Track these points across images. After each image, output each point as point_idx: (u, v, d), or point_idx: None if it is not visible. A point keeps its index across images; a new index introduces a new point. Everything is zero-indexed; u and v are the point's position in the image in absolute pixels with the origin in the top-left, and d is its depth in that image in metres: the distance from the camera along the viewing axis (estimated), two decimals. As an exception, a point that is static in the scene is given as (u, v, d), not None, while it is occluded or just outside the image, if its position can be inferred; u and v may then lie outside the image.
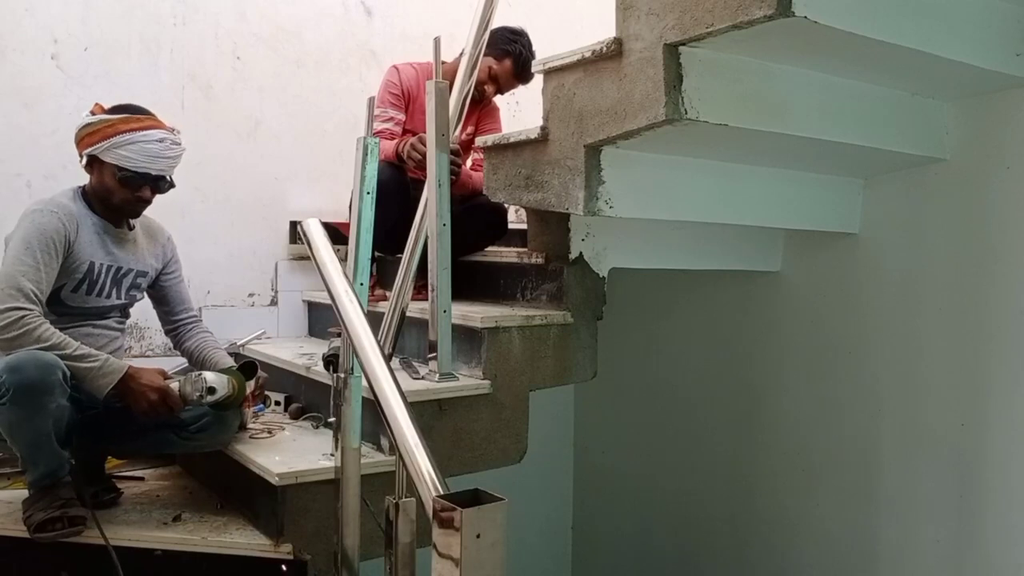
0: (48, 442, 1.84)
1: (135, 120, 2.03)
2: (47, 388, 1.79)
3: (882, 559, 2.37)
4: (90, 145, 2.01)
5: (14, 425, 1.81)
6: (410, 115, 2.78)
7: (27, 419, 1.80)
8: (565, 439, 3.47)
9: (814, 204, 2.34)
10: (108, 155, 2.00)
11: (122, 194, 2.04)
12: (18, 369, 1.77)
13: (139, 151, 2.00)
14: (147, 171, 2.02)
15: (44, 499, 1.87)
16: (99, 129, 2.00)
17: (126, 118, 2.02)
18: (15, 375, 1.76)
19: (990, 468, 2.12)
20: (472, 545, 1.02)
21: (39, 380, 1.78)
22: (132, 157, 2.00)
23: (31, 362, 1.79)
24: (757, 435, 2.70)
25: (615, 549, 3.29)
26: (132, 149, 2.00)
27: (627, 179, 1.96)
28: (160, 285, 2.26)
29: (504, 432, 2.18)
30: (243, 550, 1.92)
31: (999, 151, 2.06)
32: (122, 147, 1.99)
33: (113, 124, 2.00)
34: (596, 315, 2.31)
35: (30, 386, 1.77)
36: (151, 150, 2.01)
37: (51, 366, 1.80)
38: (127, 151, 1.99)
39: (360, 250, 1.79)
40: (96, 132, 2.00)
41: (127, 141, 1.99)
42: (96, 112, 2.04)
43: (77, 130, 2.04)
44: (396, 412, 1.25)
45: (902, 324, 2.29)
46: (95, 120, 2.01)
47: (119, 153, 1.99)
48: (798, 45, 1.64)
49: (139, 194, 2.05)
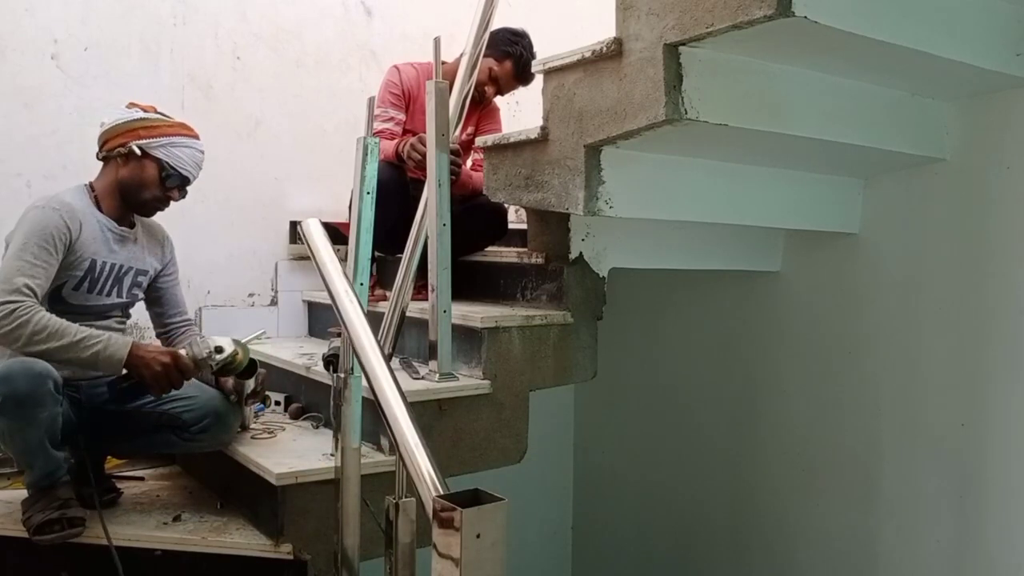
0: (41, 448, 1.83)
1: (187, 128, 2.15)
2: (38, 400, 1.78)
3: (882, 559, 2.37)
4: (144, 137, 2.06)
5: (5, 434, 1.80)
6: (410, 115, 2.78)
7: (18, 429, 1.79)
8: (565, 439, 3.47)
9: (814, 204, 2.34)
10: (161, 151, 2.07)
11: (156, 191, 2.09)
12: (8, 380, 1.75)
13: (189, 155, 2.11)
14: (189, 174, 2.12)
15: (42, 500, 1.86)
16: (158, 126, 2.09)
17: (184, 124, 2.15)
18: (5, 386, 1.75)
19: (990, 468, 2.12)
20: (472, 545, 1.02)
21: (29, 392, 1.76)
22: (183, 159, 2.10)
23: (22, 373, 1.77)
24: (757, 435, 2.70)
25: (615, 549, 3.29)
26: (185, 152, 2.10)
27: (627, 179, 1.96)
28: (157, 287, 2.26)
29: (504, 432, 2.18)
30: (243, 550, 1.92)
31: (999, 151, 2.06)
32: (178, 147, 2.09)
33: (172, 126, 2.11)
34: (596, 315, 2.31)
35: (20, 398, 1.75)
36: (197, 157, 2.14)
37: (42, 376, 1.78)
38: (181, 152, 2.09)
39: (360, 250, 1.79)
40: (155, 127, 2.08)
41: (183, 143, 2.10)
42: (148, 109, 2.12)
43: (122, 122, 2.07)
44: (396, 412, 1.25)
45: (902, 324, 2.29)
46: (152, 117, 2.10)
47: (174, 152, 2.08)
48: (798, 45, 1.65)
49: (170, 194, 2.13)
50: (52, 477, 1.88)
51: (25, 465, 1.87)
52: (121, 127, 2.07)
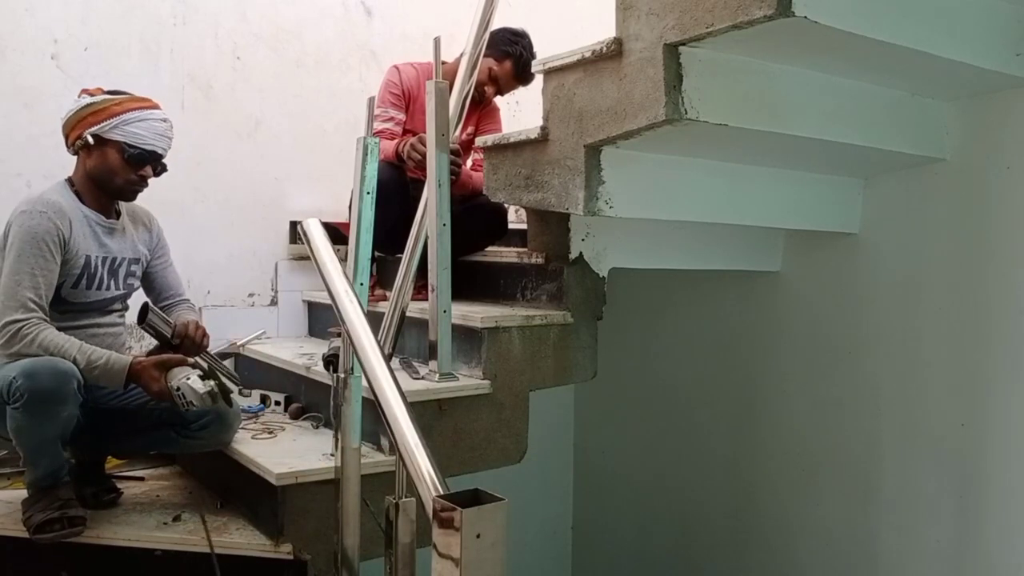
0: (53, 446, 1.84)
1: (140, 100, 2.05)
2: (61, 397, 1.78)
3: (882, 559, 2.37)
4: (94, 124, 1.99)
5: (23, 429, 1.80)
6: (410, 115, 2.78)
7: (36, 425, 1.79)
8: (565, 439, 3.47)
9: (814, 204, 2.34)
10: (116, 132, 1.99)
11: (125, 173, 2.03)
12: (33, 375, 1.76)
13: (148, 128, 2.02)
14: (154, 148, 2.04)
15: (43, 499, 1.86)
16: (106, 107, 2.00)
17: (132, 98, 2.04)
18: (30, 381, 1.75)
19: (990, 468, 2.12)
20: (472, 545, 1.02)
21: (54, 389, 1.77)
22: (141, 134, 2.01)
23: (47, 370, 1.78)
24: (757, 435, 2.70)
25: (615, 549, 3.29)
26: (141, 126, 2.01)
27: (627, 179, 1.96)
28: (149, 272, 2.24)
29: (504, 432, 2.18)
30: (243, 550, 1.92)
31: (999, 151, 2.06)
32: (132, 124, 2.00)
33: (121, 103, 2.01)
34: (596, 315, 2.31)
35: (44, 394, 1.76)
36: (157, 128, 2.04)
37: (67, 375, 1.79)
38: (137, 128, 2.01)
39: (360, 250, 1.79)
40: (102, 111, 2.00)
41: (136, 118, 2.01)
42: (95, 91, 2.03)
43: (72, 113, 2.01)
44: (396, 412, 1.25)
45: (902, 324, 2.29)
46: (98, 100, 2.01)
47: (128, 130, 2.00)
48: (798, 45, 1.64)
49: (142, 173, 2.05)
50: (55, 477, 1.88)
51: (30, 463, 1.87)
52: (73, 118, 2.02)
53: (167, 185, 2.24)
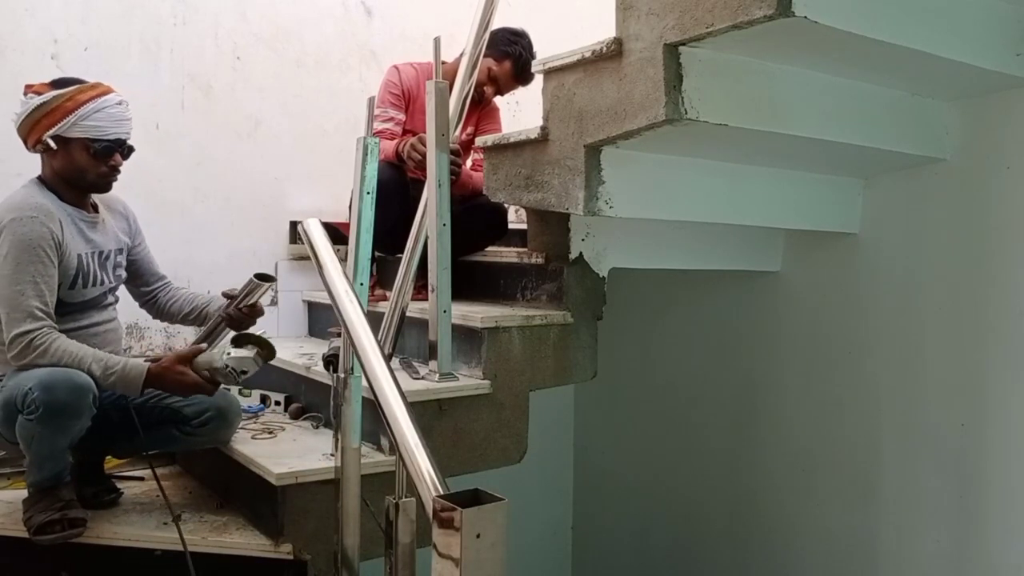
0: (62, 454, 1.84)
1: (90, 88, 1.95)
2: (77, 412, 1.77)
3: (882, 559, 2.37)
4: (52, 126, 1.91)
5: (35, 438, 1.79)
6: (410, 115, 2.78)
7: (49, 436, 1.78)
8: (565, 439, 3.47)
9: (814, 204, 2.34)
10: (75, 130, 1.92)
11: (95, 168, 1.97)
12: (51, 389, 1.74)
13: (106, 117, 1.94)
14: (118, 136, 1.97)
15: (44, 500, 1.86)
16: (58, 106, 1.90)
17: (81, 88, 1.93)
18: (47, 395, 1.73)
19: (990, 468, 2.12)
20: (472, 545, 1.02)
21: (71, 403, 1.76)
22: (102, 125, 1.93)
23: (65, 383, 1.76)
24: (757, 435, 2.70)
25: (615, 549, 3.29)
26: (99, 117, 1.93)
27: (627, 179, 1.96)
28: (132, 259, 2.21)
29: (504, 432, 2.18)
30: (243, 550, 1.92)
31: (999, 151, 2.06)
32: (89, 118, 1.91)
33: (71, 97, 1.91)
34: (596, 315, 2.31)
35: (61, 408, 1.75)
36: (115, 114, 1.95)
37: (84, 389, 1.77)
38: (95, 120, 1.92)
39: (360, 250, 1.79)
40: (56, 110, 1.90)
41: (93, 110, 1.92)
42: (40, 89, 1.93)
43: (25, 116, 1.93)
44: (396, 412, 1.25)
45: (902, 324, 2.29)
46: (48, 99, 1.91)
47: (87, 125, 1.92)
48: (798, 45, 1.65)
49: (112, 162, 1.99)
50: (57, 479, 1.87)
51: (35, 466, 1.86)
52: (27, 121, 1.93)
53: (167, 185, 2.23)
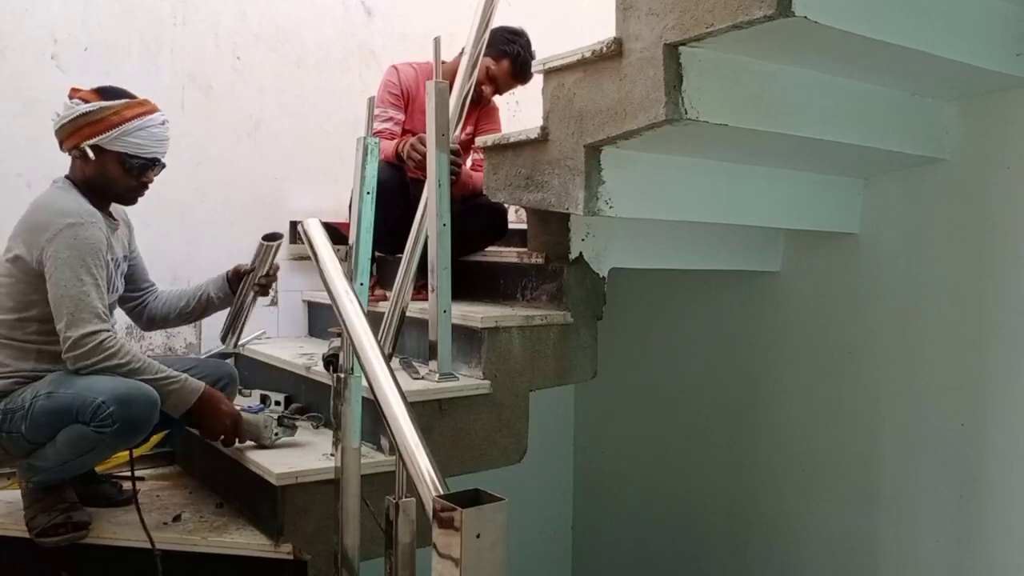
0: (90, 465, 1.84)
1: (138, 105, 1.95)
2: (148, 427, 1.78)
3: (882, 559, 2.37)
4: (94, 135, 1.90)
5: (92, 451, 1.77)
6: (409, 115, 2.78)
7: (110, 449, 1.78)
8: (565, 439, 3.47)
9: (814, 204, 2.34)
10: (116, 144, 1.92)
11: (126, 182, 1.97)
12: (129, 404, 1.73)
13: (148, 136, 1.94)
14: (155, 155, 1.98)
15: (46, 500, 1.86)
16: (104, 118, 1.90)
17: (128, 104, 1.94)
18: (125, 409, 1.72)
19: (990, 468, 2.12)
20: (472, 545, 1.02)
21: (145, 419, 1.76)
22: (143, 143, 1.94)
23: (141, 399, 1.75)
24: (757, 435, 2.70)
25: (615, 549, 3.29)
26: (142, 135, 1.93)
27: (627, 179, 1.96)
28: (129, 265, 2.19)
29: (504, 432, 2.18)
30: (243, 550, 1.92)
31: (999, 151, 2.06)
32: (132, 134, 1.92)
33: (118, 111, 1.91)
34: (596, 315, 2.31)
35: (136, 424, 1.75)
36: (157, 133, 1.96)
37: (156, 405, 1.78)
38: (137, 138, 1.93)
39: (360, 250, 1.79)
40: (100, 121, 1.90)
41: (137, 127, 1.92)
42: (88, 96, 1.93)
43: (66, 121, 1.91)
44: (396, 412, 1.25)
45: (902, 324, 2.29)
46: (94, 108, 1.90)
47: (129, 141, 1.92)
48: (798, 45, 1.64)
49: (144, 179, 1.99)
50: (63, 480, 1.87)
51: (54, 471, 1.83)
52: (68, 127, 1.92)
53: (167, 186, 2.23)
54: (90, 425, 1.73)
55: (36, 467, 1.85)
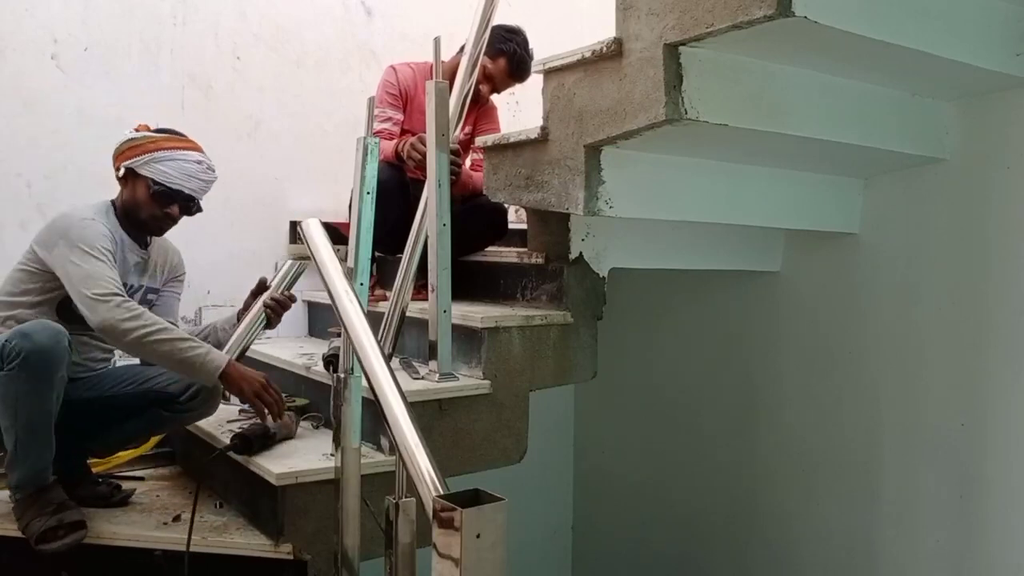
0: (46, 426, 1.82)
1: (176, 140, 2.08)
2: (57, 356, 1.79)
3: (882, 559, 2.37)
4: (130, 158, 2.03)
5: (19, 397, 1.78)
6: (408, 115, 2.78)
7: (33, 391, 1.78)
8: (565, 439, 3.47)
9: (814, 204, 2.34)
10: (145, 168, 2.02)
11: (151, 209, 2.06)
12: (28, 335, 1.77)
13: (176, 168, 2.04)
14: (180, 188, 2.05)
15: (35, 505, 1.84)
16: (141, 144, 2.04)
17: (169, 137, 2.08)
18: (26, 341, 1.76)
19: (990, 468, 2.12)
20: (472, 545, 1.02)
21: (51, 347, 1.78)
22: (168, 172, 2.03)
23: (41, 328, 1.79)
24: (757, 435, 2.70)
25: (615, 549, 3.29)
26: (170, 165, 2.03)
27: (627, 179, 1.96)
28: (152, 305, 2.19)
29: (504, 432, 2.18)
30: (243, 550, 1.92)
31: (999, 151, 2.06)
32: (160, 162, 2.03)
33: (156, 141, 2.05)
34: (596, 315, 2.31)
35: (43, 352, 1.77)
36: (187, 169, 2.06)
37: (61, 332, 1.81)
38: (165, 166, 2.03)
39: (360, 250, 1.79)
40: (138, 146, 2.04)
41: (166, 157, 2.03)
42: (141, 128, 2.08)
43: (117, 146, 2.06)
44: (396, 412, 1.25)
45: (902, 324, 2.29)
46: (139, 136, 2.05)
47: (156, 167, 2.03)
48: (798, 45, 1.64)
49: (168, 210, 2.07)
50: (40, 478, 1.85)
51: (20, 452, 1.83)
52: (117, 151, 2.07)
53: (167, 186, 2.24)
54: (5, 367, 1.77)
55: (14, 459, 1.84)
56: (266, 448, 2.06)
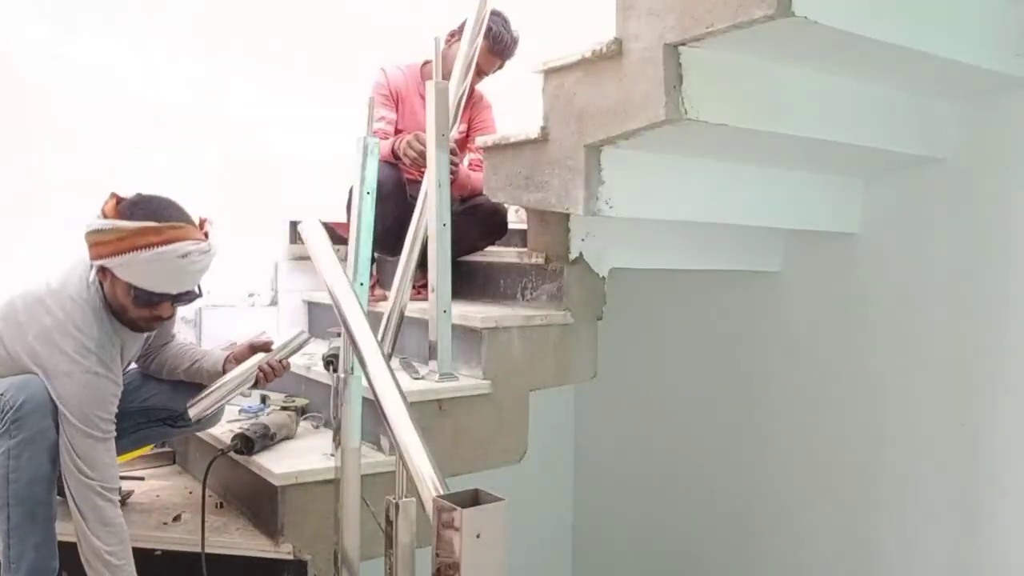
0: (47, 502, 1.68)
1: (153, 232, 1.64)
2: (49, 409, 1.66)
3: (882, 559, 2.37)
4: (100, 257, 1.68)
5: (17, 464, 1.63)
6: (400, 116, 2.78)
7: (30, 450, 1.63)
8: (565, 439, 3.47)
9: (814, 204, 2.34)
10: (121, 272, 1.67)
11: (137, 312, 1.74)
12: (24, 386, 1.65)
13: (159, 271, 1.67)
14: (166, 292, 1.72)
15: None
16: (110, 241, 1.64)
17: (142, 229, 1.64)
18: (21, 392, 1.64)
19: (990, 468, 2.12)
20: (472, 545, 1.02)
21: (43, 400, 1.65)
22: (152, 275, 1.67)
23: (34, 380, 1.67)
24: (757, 435, 2.70)
25: (615, 549, 3.29)
26: (149, 269, 1.66)
27: (627, 179, 1.96)
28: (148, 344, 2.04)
29: (504, 432, 2.18)
30: (243, 550, 1.92)
31: (999, 151, 2.06)
32: (138, 265, 1.65)
33: (127, 237, 1.63)
34: (596, 315, 2.31)
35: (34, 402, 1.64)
36: (171, 268, 1.67)
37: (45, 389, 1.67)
38: (143, 270, 1.66)
39: (360, 250, 1.79)
40: (107, 244, 1.65)
41: (144, 259, 1.64)
42: (109, 210, 1.68)
43: (86, 232, 1.69)
44: (396, 412, 1.25)
45: (902, 324, 2.29)
46: (106, 227, 1.65)
47: (136, 271, 1.66)
48: (798, 45, 1.64)
49: (157, 313, 1.76)
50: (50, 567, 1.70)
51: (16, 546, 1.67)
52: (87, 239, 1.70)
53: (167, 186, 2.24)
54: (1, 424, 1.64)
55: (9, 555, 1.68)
56: (266, 448, 2.06)
